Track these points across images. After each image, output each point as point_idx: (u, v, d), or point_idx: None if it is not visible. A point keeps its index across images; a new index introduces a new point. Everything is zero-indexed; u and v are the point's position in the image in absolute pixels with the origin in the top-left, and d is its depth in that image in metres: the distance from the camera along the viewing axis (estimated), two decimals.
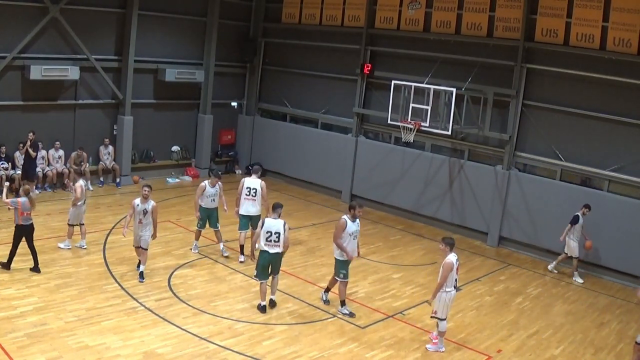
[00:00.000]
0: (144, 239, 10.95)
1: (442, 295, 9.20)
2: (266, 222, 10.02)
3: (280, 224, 10.00)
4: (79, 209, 12.14)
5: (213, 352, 8.71)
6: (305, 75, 19.53)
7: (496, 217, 15.23)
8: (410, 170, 16.87)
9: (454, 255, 9.24)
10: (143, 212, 10.87)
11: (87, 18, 16.63)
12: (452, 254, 9.21)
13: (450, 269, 9.06)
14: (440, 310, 9.27)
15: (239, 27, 20.42)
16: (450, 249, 9.24)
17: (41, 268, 10.90)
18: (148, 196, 10.93)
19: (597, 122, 13.84)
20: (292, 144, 19.48)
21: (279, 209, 10.17)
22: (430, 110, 14.52)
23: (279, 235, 9.95)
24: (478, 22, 15.42)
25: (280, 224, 10.00)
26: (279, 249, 10.02)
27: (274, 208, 10.20)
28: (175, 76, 18.34)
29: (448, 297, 9.24)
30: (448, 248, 9.24)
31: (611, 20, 13.33)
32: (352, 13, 18.07)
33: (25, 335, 8.52)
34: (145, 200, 10.91)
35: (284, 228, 9.99)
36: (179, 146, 19.74)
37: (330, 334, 9.69)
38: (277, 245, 9.97)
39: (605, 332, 10.83)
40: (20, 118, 15.81)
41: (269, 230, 9.95)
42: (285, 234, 10.00)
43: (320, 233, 15.07)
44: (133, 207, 10.93)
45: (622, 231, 13.26)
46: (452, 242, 9.31)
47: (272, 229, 9.95)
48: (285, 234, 10.00)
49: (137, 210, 10.87)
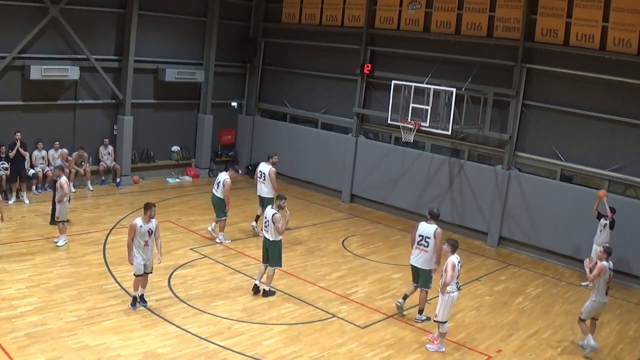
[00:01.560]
0: (149, 263, 9.85)
1: (445, 297, 9.24)
2: (266, 209, 10.98)
3: (270, 213, 10.72)
4: (65, 205, 12.28)
5: (213, 352, 8.71)
6: (305, 75, 19.53)
7: (496, 217, 15.23)
8: (410, 170, 16.88)
9: (456, 256, 9.29)
10: (148, 233, 9.67)
11: (87, 18, 16.64)
12: (454, 256, 9.28)
13: (453, 268, 9.13)
14: (441, 312, 9.30)
15: (239, 27, 20.42)
16: (452, 251, 9.32)
17: (41, 268, 10.95)
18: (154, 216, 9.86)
19: (597, 122, 13.84)
20: (292, 144, 19.47)
21: (279, 200, 10.93)
22: (430, 110, 14.52)
23: (268, 222, 10.73)
24: (478, 22, 15.42)
25: (270, 213, 10.70)
26: (269, 235, 10.71)
27: (277, 197, 11.16)
28: (175, 76, 18.34)
29: (450, 298, 9.26)
30: (450, 249, 9.33)
31: (611, 20, 13.33)
32: (352, 13, 18.07)
33: (25, 335, 8.52)
34: (150, 219, 9.78)
35: (272, 217, 10.63)
36: (179, 146, 19.74)
37: (330, 334, 9.69)
38: (267, 231, 10.76)
39: (605, 332, 10.82)
40: (20, 118, 15.80)
41: (265, 216, 10.87)
42: (271, 222, 10.64)
43: (321, 233, 15.08)
44: (134, 229, 9.55)
45: (622, 231, 13.25)
46: (455, 244, 9.41)
47: (267, 216, 10.81)
48: (270, 223, 10.65)
49: (140, 232, 9.58)
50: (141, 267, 9.69)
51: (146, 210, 9.71)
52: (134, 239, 9.59)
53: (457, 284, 9.39)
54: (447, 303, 9.26)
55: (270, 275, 10.86)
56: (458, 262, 9.28)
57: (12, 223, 13.33)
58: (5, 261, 11.09)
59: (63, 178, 12.32)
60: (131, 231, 9.58)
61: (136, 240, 9.61)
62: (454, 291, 9.30)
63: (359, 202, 18.19)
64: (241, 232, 14.45)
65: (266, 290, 10.86)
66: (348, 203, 18.26)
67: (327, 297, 11.17)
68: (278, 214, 10.66)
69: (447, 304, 9.26)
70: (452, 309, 9.52)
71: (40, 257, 11.48)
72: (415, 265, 10.36)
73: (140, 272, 9.71)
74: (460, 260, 9.39)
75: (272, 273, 10.88)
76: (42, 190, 15.93)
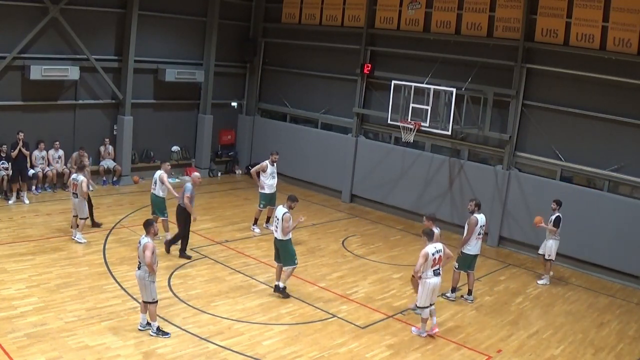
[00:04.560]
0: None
1: (424, 282, 9.67)
2: (277, 209, 11.09)
3: (280, 212, 10.76)
4: (83, 201, 12.50)
5: (213, 352, 8.71)
6: (305, 75, 19.53)
7: (496, 217, 15.23)
8: (410, 170, 16.88)
9: (434, 246, 9.68)
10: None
11: (87, 18, 16.64)
12: (430, 245, 9.67)
13: (424, 257, 9.56)
14: (421, 299, 9.74)
15: (239, 27, 20.42)
16: (428, 240, 9.75)
17: (41, 268, 10.95)
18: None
19: (597, 122, 13.84)
20: (292, 144, 19.47)
21: (289, 201, 10.93)
22: (430, 110, 14.53)
23: (277, 221, 10.76)
24: (478, 22, 15.42)
25: (280, 212, 10.74)
26: (277, 235, 10.78)
27: (287, 198, 11.08)
28: (175, 76, 18.34)
29: (426, 284, 9.65)
30: (426, 238, 9.80)
31: (611, 20, 13.33)
32: (352, 13, 18.07)
33: (25, 335, 8.52)
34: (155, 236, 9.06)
35: (281, 216, 10.65)
36: (179, 146, 19.75)
37: (330, 334, 9.69)
38: (276, 230, 10.82)
39: (605, 332, 10.82)
40: (20, 118, 15.80)
41: (276, 216, 10.92)
42: (280, 221, 10.65)
43: (321, 233, 15.07)
44: (153, 248, 8.71)
45: (622, 231, 13.26)
46: (430, 233, 9.85)
47: (277, 215, 10.86)
48: (280, 222, 10.65)
49: (156, 253, 8.87)
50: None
51: (149, 227, 8.88)
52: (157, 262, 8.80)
53: (436, 271, 9.70)
54: (424, 289, 9.70)
55: (287, 273, 10.94)
56: (434, 252, 9.60)
57: (12, 223, 13.34)
58: (5, 261, 11.10)
59: (82, 176, 12.52)
60: (151, 252, 8.61)
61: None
62: (430, 277, 9.65)
63: (359, 202, 18.19)
64: (241, 232, 14.44)
65: (279, 286, 10.91)
66: (348, 203, 18.26)
67: (327, 297, 11.16)
68: (288, 213, 10.71)
69: (423, 290, 9.71)
70: (432, 295, 9.73)
71: (40, 257, 11.47)
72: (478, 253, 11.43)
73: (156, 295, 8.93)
74: (441, 249, 9.72)
75: (288, 271, 10.93)
76: (42, 191, 15.93)
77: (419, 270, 9.64)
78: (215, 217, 15.49)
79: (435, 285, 9.72)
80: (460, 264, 11.44)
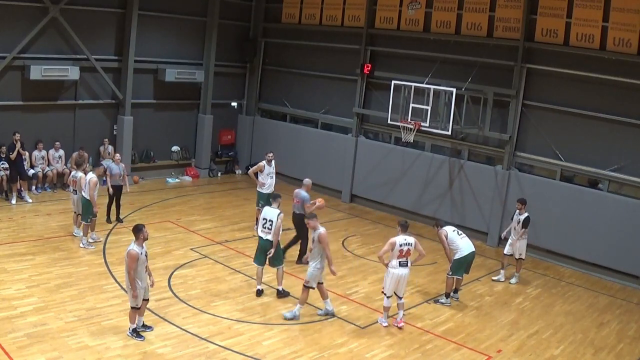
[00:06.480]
0: (148, 288, 9.00)
1: (388, 271, 9.90)
2: (264, 210, 10.79)
3: (275, 213, 10.52)
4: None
5: (213, 352, 8.71)
6: (305, 75, 19.53)
7: (496, 217, 15.22)
8: (410, 170, 16.88)
9: (404, 237, 9.89)
10: (146, 256, 8.78)
11: (87, 18, 16.64)
12: (400, 236, 9.90)
13: (390, 245, 9.78)
14: (385, 286, 10.00)
15: (239, 27, 20.42)
16: (401, 231, 9.97)
17: (41, 268, 10.96)
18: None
19: (597, 122, 13.84)
20: (292, 144, 19.47)
21: (278, 199, 10.77)
22: (430, 110, 14.53)
23: (272, 223, 10.48)
24: (478, 22, 15.42)
25: (275, 213, 10.51)
26: (270, 237, 10.49)
27: (273, 198, 10.89)
28: (175, 76, 18.35)
29: (389, 274, 9.87)
30: (400, 229, 10.03)
31: (611, 20, 13.33)
32: (352, 13, 18.07)
33: (25, 335, 8.52)
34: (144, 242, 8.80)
35: (277, 217, 10.46)
36: (179, 146, 19.75)
37: (330, 334, 9.69)
38: (269, 232, 10.51)
39: (605, 332, 10.83)
40: (20, 118, 15.80)
41: (264, 217, 10.64)
42: (277, 222, 10.45)
43: None
44: (136, 258, 8.46)
45: (622, 231, 13.26)
46: (404, 224, 10.11)
47: (267, 216, 10.59)
48: (277, 223, 10.45)
49: (141, 260, 8.58)
50: (141, 295, 8.76)
51: (138, 234, 8.63)
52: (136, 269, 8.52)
53: (402, 262, 9.85)
54: (387, 278, 9.93)
55: (281, 274, 10.84)
56: (403, 243, 9.82)
57: (12, 223, 13.34)
58: (5, 261, 11.10)
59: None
60: (133, 262, 8.43)
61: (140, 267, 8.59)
62: (395, 267, 9.83)
63: (359, 202, 18.19)
64: (241, 232, 14.44)
65: (280, 290, 10.83)
66: (348, 203, 18.26)
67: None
68: (282, 214, 10.65)
69: (387, 278, 9.94)
70: (397, 285, 9.91)
71: (40, 257, 11.47)
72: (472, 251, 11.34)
73: (139, 303, 8.76)
74: (412, 243, 9.91)
75: (281, 272, 10.84)
76: (42, 191, 15.93)
77: (382, 255, 9.84)
78: (215, 217, 15.49)
79: (399, 277, 9.85)
80: (453, 271, 11.20)
